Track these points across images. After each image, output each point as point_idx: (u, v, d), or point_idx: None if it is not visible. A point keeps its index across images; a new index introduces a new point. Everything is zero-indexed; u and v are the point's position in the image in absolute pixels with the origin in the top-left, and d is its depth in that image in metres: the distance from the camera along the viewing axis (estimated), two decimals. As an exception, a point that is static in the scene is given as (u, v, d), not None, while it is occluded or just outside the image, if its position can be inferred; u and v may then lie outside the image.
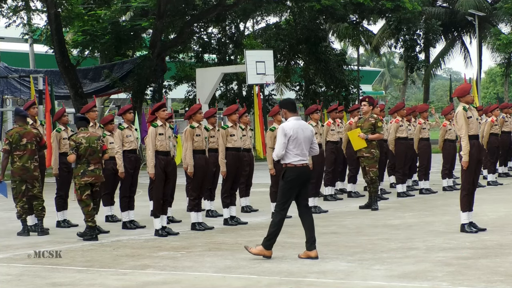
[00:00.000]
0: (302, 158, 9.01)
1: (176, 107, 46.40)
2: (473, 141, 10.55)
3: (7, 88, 27.79)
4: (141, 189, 14.46)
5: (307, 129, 9.15)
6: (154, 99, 30.89)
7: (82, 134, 11.23)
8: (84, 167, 11.15)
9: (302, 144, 9.01)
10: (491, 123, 18.16)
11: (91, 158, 11.17)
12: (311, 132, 9.20)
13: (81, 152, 11.13)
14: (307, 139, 9.09)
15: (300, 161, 8.99)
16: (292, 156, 8.98)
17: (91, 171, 11.15)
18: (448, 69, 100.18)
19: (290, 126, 9.02)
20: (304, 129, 9.09)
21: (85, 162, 11.16)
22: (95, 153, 11.20)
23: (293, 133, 8.97)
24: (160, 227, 11.23)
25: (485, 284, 7.34)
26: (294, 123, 9.05)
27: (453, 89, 17.45)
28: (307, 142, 9.09)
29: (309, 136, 9.13)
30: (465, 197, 10.65)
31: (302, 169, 9.00)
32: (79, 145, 11.13)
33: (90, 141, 11.17)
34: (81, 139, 11.15)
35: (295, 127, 9.01)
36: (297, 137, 8.99)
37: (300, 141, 9.00)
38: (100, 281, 8.10)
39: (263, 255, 8.98)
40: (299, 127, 9.06)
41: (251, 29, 41.46)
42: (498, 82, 79.75)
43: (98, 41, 29.63)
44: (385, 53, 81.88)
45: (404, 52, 39.38)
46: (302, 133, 9.03)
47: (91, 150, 11.17)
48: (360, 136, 13.81)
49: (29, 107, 12.91)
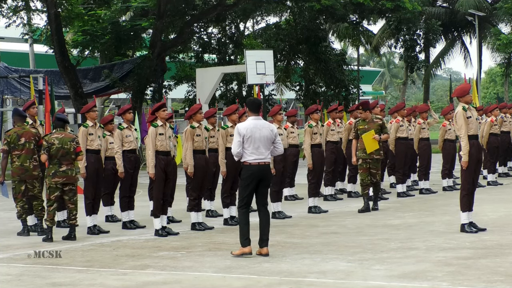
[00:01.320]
0: (258, 157, 9.21)
1: (176, 107, 46.39)
2: (473, 141, 10.54)
3: (7, 88, 27.78)
4: (141, 189, 14.46)
5: (266, 129, 9.28)
6: (154, 99, 30.88)
7: (56, 134, 11.18)
8: (56, 167, 11.09)
9: (258, 143, 9.20)
10: (491, 123, 18.16)
11: (63, 159, 11.09)
12: (271, 131, 9.31)
13: (52, 152, 11.07)
14: (264, 139, 9.24)
15: (255, 160, 9.21)
16: (247, 155, 9.23)
17: (62, 172, 11.09)
18: (448, 69, 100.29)
19: (245, 125, 9.27)
20: (261, 128, 9.25)
21: (56, 163, 11.09)
22: (68, 155, 11.12)
23: (247, 132, 9.20)
24: (160, 227, 11.23)
25: (485, 284, 7.34)
26: (250, 123, 9.28)
27: (453, 89, 17.45)
28: (265, 142, 9.25)
29: (268, 136, 9.27)
30: (465, 197, 10.65)
31: (257, 168, 9.22)
32: (51, 146, 11.08)
33: (63, 142, 11.10)
34: (53, 140, 11.10)
35: (250, 127, 9.23)
36: (251, 136, 9.20)
37: (256, 141, 9.20)
38: (100, 281, 8.10)
39: (243, 253, 9.19)
40: (255, 126, 9.25)
41: (251, 29, 41.47)
42: (498, 82, 79.78)
43: (98, 41, 29.62)
44: (385, 53, 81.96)
45: (404, 52, 39.37)
46: (258, 133, 9.21)
47: (63, 151, 11.08)
48: (375, 138, 13.57)
49: (29, 107, 12.91)
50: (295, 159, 14.24)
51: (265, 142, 9.25)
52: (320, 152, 13.68)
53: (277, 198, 13.04)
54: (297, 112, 15.53)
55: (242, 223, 9.34)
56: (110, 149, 12.40)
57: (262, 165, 9.24)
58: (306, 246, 9.91)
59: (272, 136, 9.32)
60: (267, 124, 9.42)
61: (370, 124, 13.72)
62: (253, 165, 9.23)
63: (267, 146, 9.27)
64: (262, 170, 9.24)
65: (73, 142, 11.17)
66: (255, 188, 9.29)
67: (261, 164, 9.23)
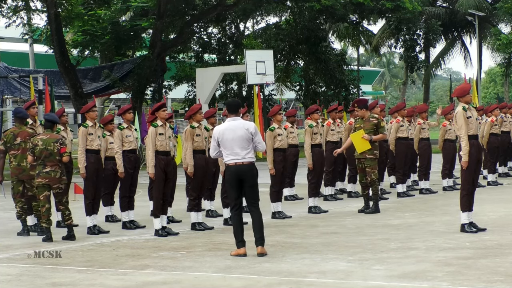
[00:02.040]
0: (234, 157, 9.30)
1: (176, 107, 46.40)
2: (473, 141, 10.54)
3: (7, 88, 27.79)
4: (141, 189, 14.46)
5: (240, 129, 9.32)
6: (154, 99, 30.89)
7: (42, 135, 11.17)
8: (40, 168, 11.08)
9: (232, 144, 9.28)
10: (491, 123, 18.16)
11: (47, 160, 11.07)
12: (246, 130, 9.32)
13: (36, 153, 11.06)
14: (238, 139, 9.29)
15: (232, 160, 9.31)
16: (225, 157, 9.39)
17: (45, 173, 11.06)
18: (448, 69, 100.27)
19: (219, 129, 9.44)
20: (234, 129, 9.31)
21: (41, 164, 11.08)
22: (52, 156, 11.09)
23: (219, 135, 9.36)
24: (160, 227, 11.23)
25: (485, 284, 7.33)
26: (225, 125, 9.42)
27: (453, 89, 17.47)
28: (240, 142, 9.29)
29: (242, 136, 9.30)
30: (465, 197, 10.65)
31: (235, 168, 9.29)
32: (35, 147, 11.08)
33: (47, 143, 11.07)
34: (38, 141, 11.08)
35: (222, 129, 9.36)
36: (223, 138, 9.33)
37: (230, 141, 9.29)
38: (100, 281, 8.10)
39: (238, 254, 9.25)
40: (228, 128, 9.34)
41: (251, 29, 41.48)
42: (498, 82, 79.78)
43: (98, 41, 29.63)
44: (385, 53, 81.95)
45: (404, 52, 39.39)
46: (231, 134, 9.29)
47: (46, 152, 11.05)
48: (364, 138, 13.37)
49: (29, 107, 12.90)
50: (295, 159, 14.24)
51: (240, 143, 9.28)
52: (320, 152, 13.68)
53: (277, 198, 13.04)
54: (297, 112, 15.51)
55: (234, 226, 9.42)
56: (110, 149, 12.39)
57: (240, 165, 9.27)
58: (306, 246, 9.91)
59: (247, 135, 9.32)
60: (242, 124, 9.42)
61: (365, 123, 13.60)
62: (231, 165, 9.33)
63: (243, 146, 9.29)
64: (240, 170, 9.28)
65: (57, 143, 11.12)
66: (239, 188, 9.33)
67: (238, 164, 9.28)
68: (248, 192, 9.37)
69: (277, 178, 12.93)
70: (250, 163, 9.35)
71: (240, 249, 9.29)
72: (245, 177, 9.30)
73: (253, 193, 9.38)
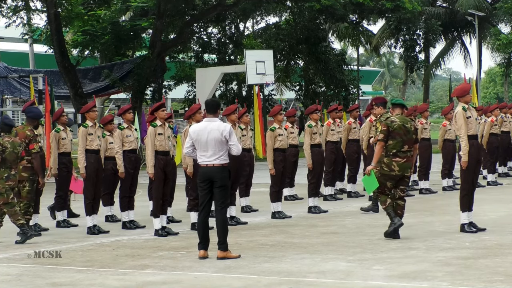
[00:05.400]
0: (207, 159, 9.28)
1: (176, 107, 46.42)
2: (472, 141, 10.54)
3: (7, 88, 27.80)
4: (141, 189, 14.46)
5: (215, 131, 9.27)
6: (154, 99, 30.90)
7: (7, 138, 11.11)
8: (8, 171, 11.02)
9: (206, 146, 9.26)
10: (491, 123, 18.16)
11: (14, 163, 11.07)
12: (220, 133, 9.27)
13: (6, 156, 11.00)
14: (213, 141, 9.26)
15: (204, 162, 9.30)
16: (198, 157, 9.39)
17: (13, 175, 11.06)
18: (448, 69, 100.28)
19: (195, 129, 9.41)
20: (210, 131, 9.27)
21: (8, 167, 11.04)
22: (17, 158, 11.12)
23: (195, 135, 9.34)
24: (160, 227, 11.23)
25: (485, 284, 7.34)
26: (200, 125, 9.40)
27: (453, 89, 17.45)
28: (214, 144, 9.26)
29: (216, 138, 9.26)
30: (465, 197, 10.65)
31: (206, 169, 9.29)
32: (5, 149, 11.02)
33: (14, 147, 11.08)
34: (6, 143, 11.04)
35: (198, 130, 9.34)
36: (197, 139, 9.31)
37: (203, 143, 9.27)
38: (100, 281, 8.10)
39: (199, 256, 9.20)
40: (204, 129, 9.31)
41: (251, 29, 41.48)
42: (498, 82, 79.79)
43: (98, 41, 29.64)
44: (385, 53, 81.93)
45: (404, 52, 39.39)
46: (205, 136, 9.26)
47: (14, 155, 11.06)
48: None
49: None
50: (294, 159, 14.24)
51: (214, 145, 9.25)
52: (320, 152, 13.68)
53: (277, 198, 13.04)
54: (296, 112, 15.51)
55: (198, 227, 9.36)
56: (110, 149, 12.40)
57: (210, 167, 9.25)
58: (306, 246, 9.91)
59: (221, 137, 9.26)
60: (218, 126, 9.36)
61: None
62: (201, 166, 9.34)
63: (216, 148, 9.26)
64: (209, 171, 9.26)
65: (20, 146, 11.15)
66: (209, 189, 9.29)
67: (208, 166, 9.26)
68: (216, 194, 9.31)
69: (277, 178, 12.93)
70: (221, 165, 9.28)
71: (199, 251, 9.25)
72: (215, 179, 9.27)
73: (221, 195, 9.32)
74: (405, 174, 10.33)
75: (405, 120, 10.44)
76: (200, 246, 9.26)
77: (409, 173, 10.41)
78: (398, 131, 10.30)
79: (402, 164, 10.29)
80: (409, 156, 10.34)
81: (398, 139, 10.30)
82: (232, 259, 9.06)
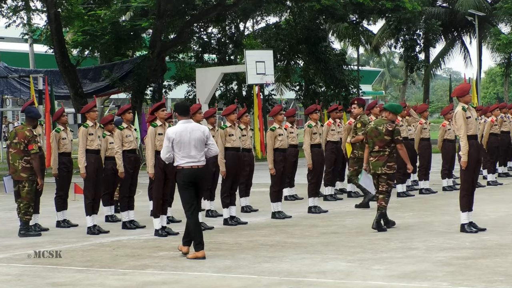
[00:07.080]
0: (190, 160, 9.25)
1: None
2: (472, 141, 10.55)
3: (7, 88, 27.82)
4: (141, 189, 14.46)
5: (197, 131, 9.31)
6: (154, 99, 30.90)
7: None
8: None
9: (189, 147, 9.24)
10: (491, 123, 18.16)
11: None
12: (202, 133, 9.32)
13: None
14: (195, 141, 9.27)
15: (188, 163, 9.26)
16: (179, 159, 9.30)
17: None
18: (448, 69, 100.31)
19: (174, 130, 9.33)
20: (191, 131, 9.28)
21: None
22: None
23: (176, 136, 9.26)
24: (160, 227, 11.24)
25: (485, 284, 7.34)
26: (180, 127, 9.33)
27: (453, 89, 17.45)
28: (197, 144, 9.28)
29: (198, 138, 9.29)
30: (465, 197, 10.65)
31: (191, 171, 9.25)
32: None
33: None
34: None
35: (179, 131, 9.28)
36: (180, 140, 9.25)
37: (186, 144, 9.24)
38: (100, 281, 8.10)
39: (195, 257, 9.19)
40: (185, 130, 9.28)
41: (251, 29, 41.47)
42: (498, 82, 79.82)
43: (98, 41, 29.64)
44: (385, 53, 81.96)
45: (404, 52, 39.37)
46: (187, 136, 9.25)
47: None
48: None
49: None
50: (294, 159, 14.23)
51: (197, 145, 9.28)
52: (320, 152, 13.68)
53: (277, 198, 13.04)
54: (296, 112, 15.51)
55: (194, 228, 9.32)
56: (110, 149, 12.40)
57: (195, 169, 9.26)
58: (306, 246, 9.91)
59: (203, 137, 9.32)
60: (198, 126, 9.45)
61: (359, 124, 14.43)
62: (185, 168, 9.26)
63: (199, 149, 9.29)
64: (195, 173, 9.26)
65: None
66: (194, 189, 9.31)
67: (194, 168, 9.26)
68: (200, 195, 9.46)
69: (277, 178, 12.93)
70: (204, 166, 9.34)
71: (184, 246, 9.32)
72: (199, 181, 9.31)
73: (200, 196, 9.52)
74: (377, 172, 11.28)
75: (379, 122, 11.44)
76: (199, 246, 9.24)
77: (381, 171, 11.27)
78: (369, 133, 11.45)
79: (373, 163, 11.35)
80: (381, 155, 11.30)
81: (369, 140, 11.43)
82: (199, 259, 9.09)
